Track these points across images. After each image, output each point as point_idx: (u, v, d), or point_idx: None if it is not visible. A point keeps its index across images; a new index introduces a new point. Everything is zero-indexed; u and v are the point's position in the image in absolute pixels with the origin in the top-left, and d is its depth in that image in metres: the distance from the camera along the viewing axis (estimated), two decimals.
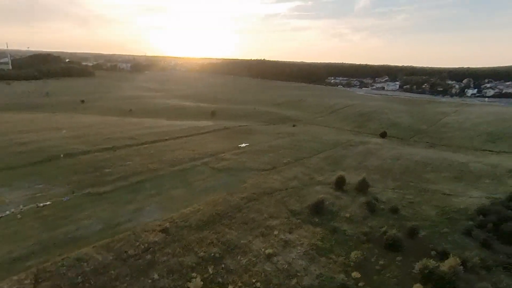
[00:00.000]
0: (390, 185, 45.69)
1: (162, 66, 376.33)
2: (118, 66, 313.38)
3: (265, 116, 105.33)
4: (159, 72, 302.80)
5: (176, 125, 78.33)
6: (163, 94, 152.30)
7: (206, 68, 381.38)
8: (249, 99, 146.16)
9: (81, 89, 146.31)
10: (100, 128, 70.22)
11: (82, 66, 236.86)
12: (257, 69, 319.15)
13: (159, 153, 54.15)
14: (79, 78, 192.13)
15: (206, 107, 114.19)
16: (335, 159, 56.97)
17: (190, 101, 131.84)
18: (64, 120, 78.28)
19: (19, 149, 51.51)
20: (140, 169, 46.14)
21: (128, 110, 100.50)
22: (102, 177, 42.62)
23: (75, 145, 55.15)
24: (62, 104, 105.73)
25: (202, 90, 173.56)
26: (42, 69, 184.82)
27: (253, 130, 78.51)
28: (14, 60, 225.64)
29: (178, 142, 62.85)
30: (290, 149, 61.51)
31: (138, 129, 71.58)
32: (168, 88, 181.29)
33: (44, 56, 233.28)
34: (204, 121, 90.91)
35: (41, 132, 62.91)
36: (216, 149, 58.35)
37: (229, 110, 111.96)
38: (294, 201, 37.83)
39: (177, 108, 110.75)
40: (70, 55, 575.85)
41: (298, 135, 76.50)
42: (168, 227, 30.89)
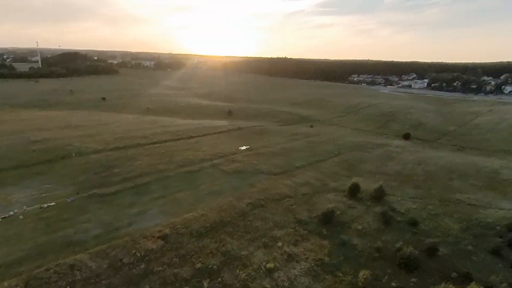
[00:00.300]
0: (410, 194, 42.32)
1: (185, 64, 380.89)
2: (142, 64, 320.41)
3: (282, 116, 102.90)
4: (181, 70, 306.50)
5: (190, 124, 77.72)
6: (183, 92, 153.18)
7: (227, 66, 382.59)
8: (267, 98, 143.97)
9: (104, 86, 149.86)
10: (116, 126, 70.78)
11: (108, 64, 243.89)
12: (278, 67, 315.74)
13: (170, 153, 53.44)
14: (103, 76, 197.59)
15: (223, 106, 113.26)
16: (351, 163, 53.92)
17: (208, 100, 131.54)
18: (83, 118, 79.71)
19: (33, 147, 52.42)
20: (148, 169, 45.48)
21: (146, 108, 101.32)
22: (109, 178, 42.28)
23: (88, 144, 55.53)
24: (84, 101, 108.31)
25: (221, 89, 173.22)
26: (69, 67, 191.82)
27: (267, 131, 76.50)
28: (45, 58, 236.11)
29: (190, 142, 62.01)
30: (304, 152, 59.03)
31: (153, 127, 71.50)
32: (188, 86, 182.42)
33: (72, 54, 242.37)
34: (220, 120, 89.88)
35: (57, 130, 64.07)
36: (228, 150, 56.92)
37: (246, 109, 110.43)
38: (303, 210, 35.61)
39: (195, 106, 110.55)
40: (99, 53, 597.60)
41: (314, 136, 73.69)
42: (168, 233, 29.72)
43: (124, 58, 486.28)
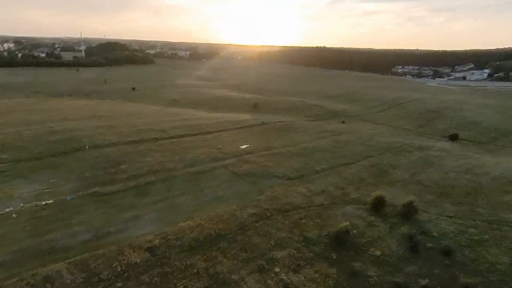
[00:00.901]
0: (448, 211, 35.65)
1: (221, 54, 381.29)
2: (178, 54, 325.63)
3: (312, 110, 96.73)
4: (216, 61, 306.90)
5: (212, 118, 75.03)
6: (212, 84, 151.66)
7: (263, 56, 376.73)
8: (300, 90, 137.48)
9: (137, 76, 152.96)
10: (137, 118, 70.11)
11: (144, 54, 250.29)
12: (316, 57, 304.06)
13: (182, 150, 50.99)
14: (139, 66, 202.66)
15: (251, 98, 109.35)
16: (381, 169, 47.60)
17: (237, 92, 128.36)
18: (108, 108, 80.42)
19: (51, 138, 52.68)
20: (156, 167, 43.28)
21: (172, 100, 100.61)
22: (115, 175, 40.65)
23: (105, 136, 54.88)
24: (115, 91, 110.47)
25: (252, 80, 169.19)
26: (109, 56, 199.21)
27: (292, 127, 71.45)
28: (89, 48, 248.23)
29: (207, 138, 59.18)
30: (328, 153, 53.54)
31: (173, 120, 69.81)
32: (219, 77, 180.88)
33: (112, 44, 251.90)
34: (244, 114, 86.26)
35: (80, 121, 64.59)
36: (244, 149, 53.22)
37: (274, 102, 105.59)
38: (313, 225, 31.00)
39: (222, 99, 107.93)
40: (141, 43, 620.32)
41: (343, 134, 67.37)
42: (157, 245, 26.91)
43: (163, 48, 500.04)
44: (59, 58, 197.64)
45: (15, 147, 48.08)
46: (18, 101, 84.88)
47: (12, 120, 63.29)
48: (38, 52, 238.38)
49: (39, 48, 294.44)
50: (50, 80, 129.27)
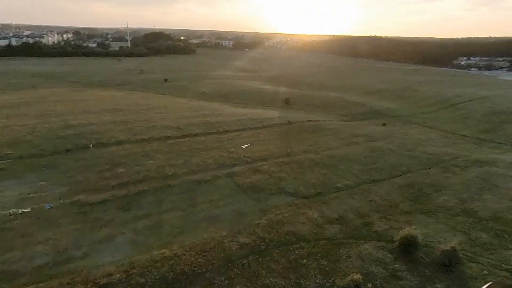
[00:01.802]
0: (510, 263, 26.26)
1: (266, 44, 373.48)
2: (221, 44, 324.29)
3: (350, 108, 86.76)
4: (259, 50, 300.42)
5: (235, 115, 69.52)
6: (249, 75, 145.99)
7: (309, 46, 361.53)
8: (340, 84, 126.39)
9: (174, 66, 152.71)
10: (156, 113, 67.08)
11: (187, 43, 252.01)
12: (365, 47, 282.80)
13: (190, 152, 46.21)
14: (180, 56, 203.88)
15: (284, 92, 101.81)
16: (421, 190, 38.37)
17: (272, 84, 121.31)
18: (133, 101, 78.82)
19: (62, 132, 51.13)
20: (154, 173, 38.96)
21: (202, 92, 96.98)
22: (107, 180, 37.05)
23: (115, 133, 52.17)
24: (147, 82, 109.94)
25: (291, 72, 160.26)
26: (152, 46, 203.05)
27: (321, 129, 63.26)
28: (135, 38, 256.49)
29: (223, 138, 53.83)
30: (357, 164, 45.16)
31: (192, 116, 65.61)
32: (258, 68, 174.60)
33: (157, 34, 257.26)
34: (273, 110, 79.55)
35: (99, 114, 63.04)
36: (259, 154, 46.99)
37: (309, 97, 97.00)
38: (316, 270, 24.07)
39: (253, 92, 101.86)
40: (190, 33, 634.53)
41: (381, 140, 57.80)
42: (115, 281, 22.22)
43: (210, 38, 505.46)
44: (107, 48, 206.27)
45: (24, 142, 47.02)
46: (52, 91, 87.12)
47: (36, 111, 63.72)
48: (90, 42, 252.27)
49: (93, 38, 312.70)
50: (91, 69, 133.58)
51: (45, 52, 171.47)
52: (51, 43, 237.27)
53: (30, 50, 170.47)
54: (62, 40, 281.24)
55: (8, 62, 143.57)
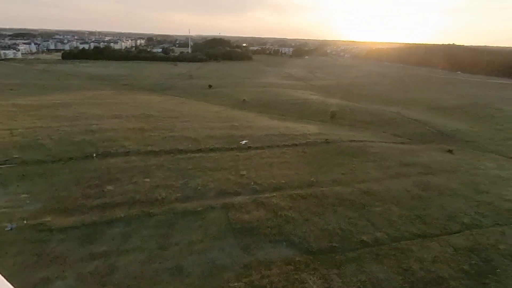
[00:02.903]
0: None
1: (327, 51, 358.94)
2: (280, 51, 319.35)
3: (407, 127, 72.90)
4: (318, 58, 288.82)
5: (266, 128, 62.06)
6: (299, 83, 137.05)
7: (374, 54, 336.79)
8: (400, 97, 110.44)
9: (223, 72, 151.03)
10: (181, 121, 63.03)
11: (244, 50, 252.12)
12: (441, 57, 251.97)
13: (194, 172, 40.10)
14: (235, 62, 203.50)
15: (333, 104, 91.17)
16: (491, 262, 26.30)
17: (322, 94, 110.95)
18: (167, 107, 76.52)
19: (77, 138, 49.38)
20: (141, 196, 33.55)
21: (241, 100, 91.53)
22: (89, 199, 32.65)
23: (128, 142, 48.76)
24: (192, 87, 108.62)
25: (346, 81, 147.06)
26: (209, 52, 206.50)
27: (365, 152, 52.22)
28: (196, 44, 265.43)
29: (240, 155, 46.80)
30: (399, 207, 34.14)
31: (218, 128, 59.96)
32: (312, 76, 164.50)
33: (217, 40, 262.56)
34: (313, 125, 70.16)
35: (124, 119, 61.21)
36: (274, 180, 38.85)
37: (359, 111, 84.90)
38: None
39: (298, 103, 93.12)
40: (255, 40, 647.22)
41: (440, 174, 44.91)
42: None
43: (273, 45, 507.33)
44: (168, 53, 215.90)
45: (37, 146, 45.95)
46: (97, 93, 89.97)
47: (69, 113, 64.42)
48: (157, 48, 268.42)
49: (162, 44, 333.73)
50: (145, 73, 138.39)
51: (112, 56, 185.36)
52: (123, 48, 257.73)
53: (100, 54, 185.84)
54: (134, 45, 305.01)
55: (77, 64, 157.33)
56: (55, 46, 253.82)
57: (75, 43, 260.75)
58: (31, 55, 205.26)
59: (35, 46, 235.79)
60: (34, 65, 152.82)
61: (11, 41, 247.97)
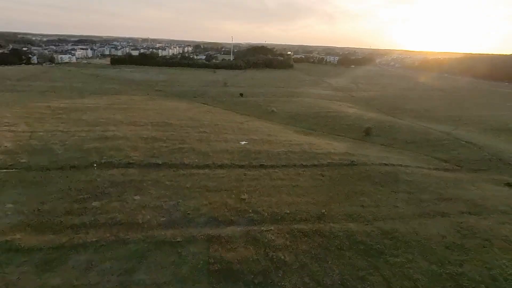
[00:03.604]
0: None
1: (377, 61, 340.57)
2: (325, 59, 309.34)
3: (456, 151, 62.47)
4: (366, 68, 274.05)
5: (288, 144, 56.67)
6: (339, 94, 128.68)
7: (430, 64, 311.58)
8: (453, 114, 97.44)
9: (260, 81, 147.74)
10: (198, 132, 60.20)
11: (286, 58, 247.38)
12: (507, 68, 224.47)
13: (191, 192, 36.28)
14: (275, 70, 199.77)
15: (370, 119, 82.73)
16: None
17: (360, 107, 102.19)
18: (190, 115, 74.54)
19: (89, 145, 48.50)
20: (124, 217, 30.44)
21: (270, 111, 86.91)
22: (69, 216, 30.32)
23: (135, 152, 46.69)
24: (222, 95, 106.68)
25: (392, 93, 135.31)
26: (250, 60, 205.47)
27: (396, 179, 44.39)
28: (239, 51, 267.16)
29: (248, 175, 42.12)
30: (426, 259, 26.76)
31: (233, 140, 56.02)
32: (355, 87, 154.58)
33: (259, 48, 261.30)
34: (342, 142, 63.20)
35: (140, 127, 59.89)
36: (277, 209, 33.57)
37: (400, 129, 75.46)
38: None
39: (331, 115, 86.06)
40: (301, 48, 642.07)
41: (490, 215, 35.88)
42: None
43: (320, 53, 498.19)
44: (209, 60, 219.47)
45: (46, 151, 45.71)
46: (128, 98, 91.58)
47: (93, 117, 65.03)
48: (201, 55, 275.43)
49: (207, 51, 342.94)
50: (182, 80, 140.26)
51: (156, 62, 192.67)
52: (170, 55, 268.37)
53: (145, 60, 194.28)
54: (181, 52, 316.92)
55: (122, 69, 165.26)
56: (109, 52, 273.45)
57: (127, 49, 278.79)
58: (85, 59, 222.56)
59: (91, 52, 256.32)
60: (84, 69, 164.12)
61: (72, 47, 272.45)
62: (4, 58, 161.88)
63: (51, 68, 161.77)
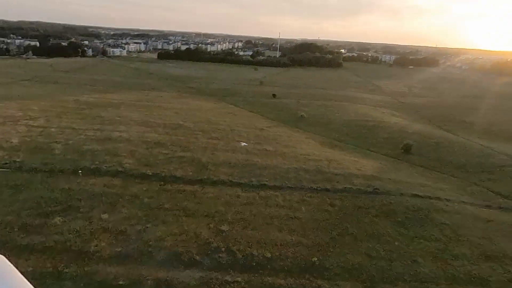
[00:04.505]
0: None
1: (441, 61, 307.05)
2: (379, 58, 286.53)
3: None
4: (427, 69, 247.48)
5: (304, 159, 49.49)
6: (385, 99, 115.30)
7: (506, 67, 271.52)
8: None
9: (300, 81, 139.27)
10: (208, 137, 55.62)
11: (335, 56, 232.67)
12: None
13: (166, 215, 31.64)
14: (321, 69, 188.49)
15: (414, 132, 71.09)
16: None
17: (406, 116, 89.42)
18: (208, 117, 70.43)
19: (88, 146, 46.70)
20: (75, 243, 26.82)
21: (299, 116, 79.33)
22: (20, 234, 27.55)
23: (129, 159, 43.59)
24: (254, 95, 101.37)
25: (451, 102, 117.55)
26: (294, 57, 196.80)
27: (428, 218, 34.98)
28: (286, 48, 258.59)
29: (240, 199, 36.27)
30: None
31: (242, 151, 50.49)
32: (406, 91, 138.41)
33: (307, 45, 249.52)
34: (371, 160, 53.99)
35: (149, 128, 57.08)
36: (257, 254, 27.41)
37: (449, 147, 63.09)
38: None
39: (368, 125, 75.76)
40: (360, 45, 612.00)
41: None
42: None
43: (377, 51, 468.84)
44: (254, 56, 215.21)
45: (46, 150, 44.73)
46: (157, 95, 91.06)
47: (110, 115, 64.13)
48: (249, 51, 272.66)
49: (257, 47, 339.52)
50: (219, 77, 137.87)
51: (200, 58, 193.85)
52: (219, 50, 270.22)
53: (191, 55, 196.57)
54: (230, 48, 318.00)
55: (166, 64, 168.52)
56: (161, 46, 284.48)
57: (178, 44, 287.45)
58: (135, 53, 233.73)
59: (144, 46, 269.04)
60: (129, 62, 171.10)
61: (127, 41, 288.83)
62: (63, 50, 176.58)
63: (100, 61, 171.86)
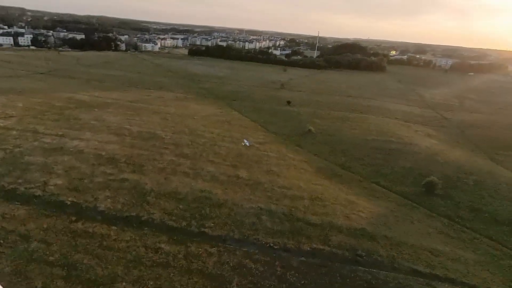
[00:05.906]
0: None
1: (506, 67, 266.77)
2: (433, 63, 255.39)
3: None
4: (490, 77, 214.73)
5: (283, 195, 38.70)
6: (425, 113, 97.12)
7: None
8: None
9: (329, 86, 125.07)
10: (176, 154, 46.86)
11: (378, 58, 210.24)
12: None
13: (34, 270, 23.53)
14: (359, 73, 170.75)
15: (448, 161, 55.70)
16: None
17: (445, 138, 72.61)
18: (197, 126, 61.87)
19: (28, 157, 40.57)
20: None
21: (306, 131, 67.43)
22: None
23: (56, 179, 36.57)
24: (265, 102, 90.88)
25: (509, 119, 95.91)
26: (331, 59, 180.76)
27: None
28: (325, 48, 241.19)
29: (159, 257, 27.05)
30: None
31: (207, 178, 41.05)
32: (457, 104, 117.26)
33: (349, 45, 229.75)
34: (378, 201, 41.23)
35: (115, 137, 49.96)
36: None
37: (496, 189, 47.31)
38: None
39: (387, 149, 61.28)
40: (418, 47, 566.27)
41: None
42: None
43: (435, 55, 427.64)
44: (290, 56, 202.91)
45: None
46: (160, 95, 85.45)
47: (92, 118, 58.48)
48: (287, 50, 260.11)
49: (299, 46, 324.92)
50: (239, 77, 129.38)
51: (230, 55, 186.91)
52: (256, 48, 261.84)
53: (221, 52, 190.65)
54: (270, 46, 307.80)
55: (191, 61, 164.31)
56: (200, 42, 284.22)
57: (218, 41, 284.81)
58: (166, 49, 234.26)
59: (182, 41, 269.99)
60: (155, 58, 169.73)
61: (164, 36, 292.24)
62: (97, 44, 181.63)
63: (129, 56, 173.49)
